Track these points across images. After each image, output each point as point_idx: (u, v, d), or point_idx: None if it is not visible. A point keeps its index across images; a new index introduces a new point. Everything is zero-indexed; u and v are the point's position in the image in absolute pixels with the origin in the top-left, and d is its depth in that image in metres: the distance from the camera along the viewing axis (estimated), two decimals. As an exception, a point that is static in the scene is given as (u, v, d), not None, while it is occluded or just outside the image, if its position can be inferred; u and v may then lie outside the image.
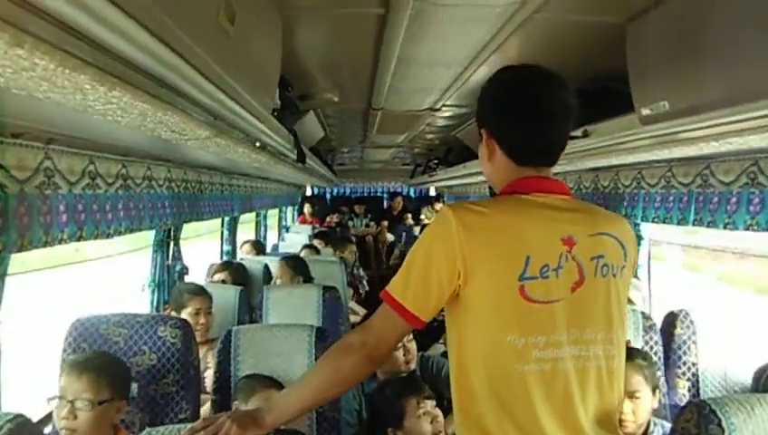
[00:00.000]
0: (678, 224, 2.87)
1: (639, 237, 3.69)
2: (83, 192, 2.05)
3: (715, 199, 2.59)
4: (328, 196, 11.08)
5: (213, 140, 1.56)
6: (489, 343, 1.37)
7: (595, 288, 1.41)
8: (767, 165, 2.29)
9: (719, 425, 1.26)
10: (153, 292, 3.42)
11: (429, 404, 2.07)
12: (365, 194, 10.96)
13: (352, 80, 2.84)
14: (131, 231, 2.46)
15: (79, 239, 2.03)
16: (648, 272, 3.72)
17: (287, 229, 8.20)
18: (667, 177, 2.99)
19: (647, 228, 3.73)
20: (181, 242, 3.65)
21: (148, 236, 3.43)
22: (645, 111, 1.76)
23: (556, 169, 1.52)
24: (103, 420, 1.90)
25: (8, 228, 1.57)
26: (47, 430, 2.21)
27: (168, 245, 3.49)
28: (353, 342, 1.46)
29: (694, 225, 2.73)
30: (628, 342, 2.33)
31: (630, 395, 2.01)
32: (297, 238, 6.88)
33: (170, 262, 3.52)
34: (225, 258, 5.02)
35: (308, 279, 3.98)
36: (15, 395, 2.03)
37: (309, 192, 10.58)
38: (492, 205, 1.45)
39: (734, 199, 2.47)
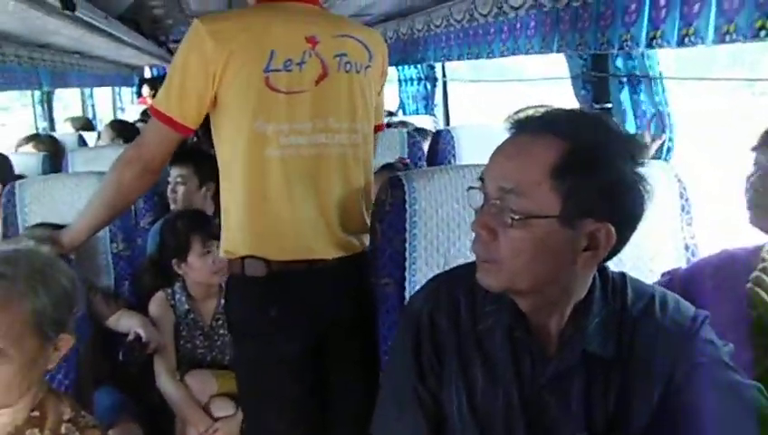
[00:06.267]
0: (457, 59, 3.13)
1: (435, 78, 3.98)
2: None
3: (480, 32, 2.84)
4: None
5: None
6: (241, 133, 1.54)
7: (338, 81, 1.60)
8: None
9: (402, 189, 1.50)
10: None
11: (215, 244, 2.13)
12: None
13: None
14: None
15: None
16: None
17: (123, 110, 7.92)
18: (446, 16, 3.20)
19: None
20: None
21: None
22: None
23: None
24: None
25: None
26: None
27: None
28: (130, 157, 1.60)
29: (469, 58, 2.99)
30: (402, 159, 2.60)
31: None
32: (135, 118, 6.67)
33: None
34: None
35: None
36: None
37: (148, 74, 10.12)
38: (240, 11, 1.64)
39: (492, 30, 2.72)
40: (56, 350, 1.23)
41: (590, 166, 0.93)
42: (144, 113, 6.11)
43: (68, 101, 6.72)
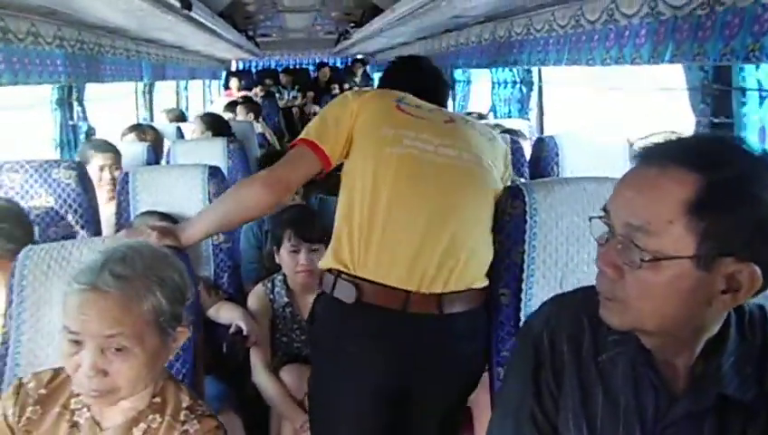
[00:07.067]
0: (554, 64, 3.06)
1: (531, 82, 3.92)
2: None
3: (584, 38, 2.77)
4: (253, 69, 10.88)
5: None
6: (368, 138, 1.59)
7: (465, 129, 1.68)
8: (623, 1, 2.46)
9: (522, 200, 1.48)
10: (60, 151, 3.47)
11: (305, 247, 2.18)
12: (291, 66, 10.80)
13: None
14: (15, 83, 2.49)
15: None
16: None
17: (212, 102, 8.16)
18: (548, 21, 3.14)
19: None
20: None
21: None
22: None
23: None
24: None
25: None
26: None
27: (71, 104, 3.49)
28: (261, 174, 1.65)
29: (567, 64, 2.92)
30: None
31: None
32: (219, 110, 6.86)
33: (76, 122, 3.54)
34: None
35: (223, 135, 4.04)
36: None
37: (234, 67, 10.40)
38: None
39: (596, 36, 2.65)
40: (174, 341, 1.27)
41: (731, 202, 0.83)
42: (228, 105, 6.26)
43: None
